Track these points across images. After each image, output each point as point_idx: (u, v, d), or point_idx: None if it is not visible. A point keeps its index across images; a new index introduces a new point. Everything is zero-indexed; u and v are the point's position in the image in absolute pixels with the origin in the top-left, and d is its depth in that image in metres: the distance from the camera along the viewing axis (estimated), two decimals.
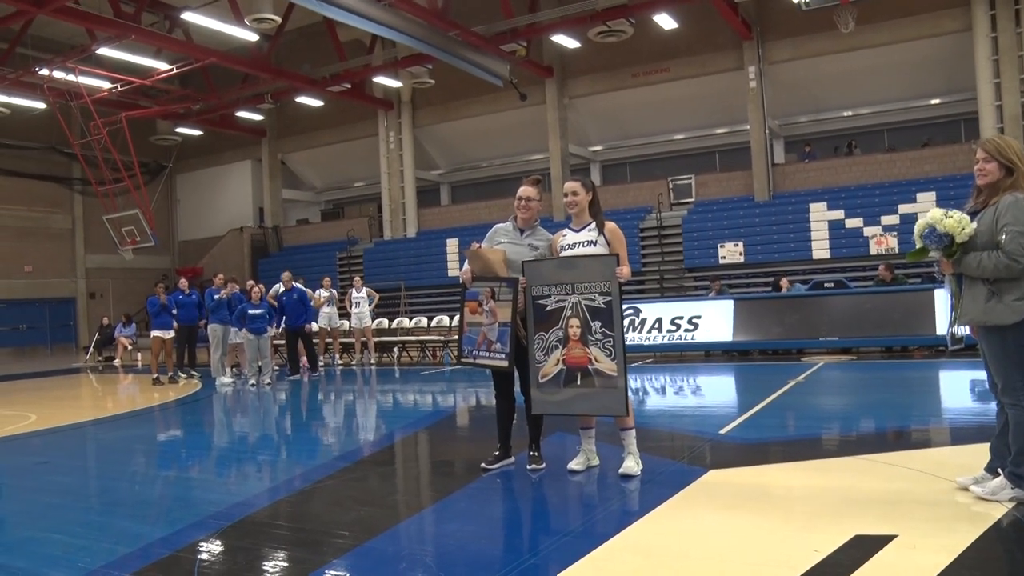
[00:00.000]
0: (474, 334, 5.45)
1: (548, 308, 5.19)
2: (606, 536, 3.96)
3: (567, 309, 5.13)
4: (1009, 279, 3.98)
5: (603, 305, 5.03)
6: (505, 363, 5.30)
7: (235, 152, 30.63)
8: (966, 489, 4.31)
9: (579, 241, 5.28)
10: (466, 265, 5.54)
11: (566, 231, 5.42)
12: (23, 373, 18.56)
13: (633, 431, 5.25)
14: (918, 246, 4.25)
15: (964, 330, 4.38)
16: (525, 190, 5.49)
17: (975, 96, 19.02)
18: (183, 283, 15.00)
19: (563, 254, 5.32)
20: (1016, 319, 3.97)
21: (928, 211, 4.23)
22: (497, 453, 5.57)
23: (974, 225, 4.07)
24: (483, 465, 5.51)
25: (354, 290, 16.46)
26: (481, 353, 5.40)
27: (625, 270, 5.04)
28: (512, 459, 5.60)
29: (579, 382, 5.10)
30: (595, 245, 5.21)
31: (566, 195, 5.35)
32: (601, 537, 3.95)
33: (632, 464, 5.17)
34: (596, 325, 5.05)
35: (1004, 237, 3.94)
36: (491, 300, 5.34)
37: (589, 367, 5.07)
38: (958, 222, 4.04)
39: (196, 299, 14.73)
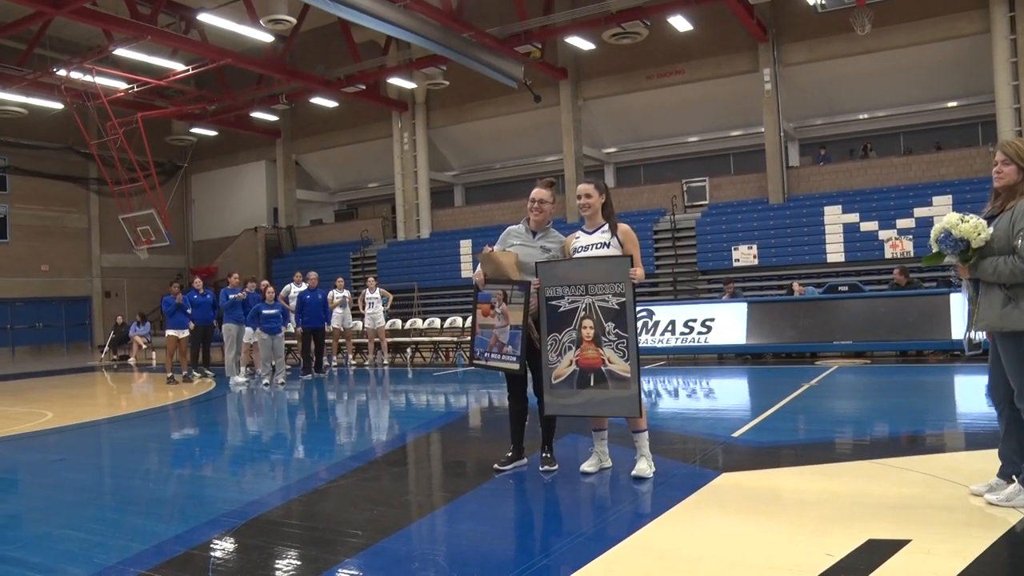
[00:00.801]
0: (486, 336, 5.46)
1: (562, 309, 5.19)
2: (618, 538, 3.97)
3: (580, 310, 5.13)
4: None
5: (617, 306, 5.03)
6: (516, 366, 5.30)
7: (250, 152, 30.78)
8: (980, 496, 4.29)
9: (592, 243, 5.28)
10: (479, 268, 5.56)
11: (579, 233, 5.42)
12: (39, 371, 18.73)
13: (646, 433, 5.25)
14: (934, 251, 4.19)
15: (981, 335, 4.34)
16: (538, 192, 5.49)
17: (993, 99, 18.88)
18: (197, 283, 15.08)
19: (576, 256, 5.33)
20: None
21: (944, 215, 4.18)
22: (510, 454, 5.58)
23: (990, 230, 4.03)
24: (496, 466, 5.52)
25: (368, 291, 16.51)
26: (493, 355, 5.42)
27: (639, 271, 5.03)
28: (525, 460, 5.61)
29: (592, 383, 5.10)
30: (608, 247, 5.21)
31: (579, 197, 5.35)
32: (613, 539, 3.95)
33: (645, 466, 5.16)
34: (610, 326, 5.04)
35: (1020, 242, 3.90)
36: (503, 303, 5.35)
37: (602, 368, 5.07)
38: (974, 227, 3.99)
39: (211, 299, 14.81)
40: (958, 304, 12.30)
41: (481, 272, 5.49)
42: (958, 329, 12.14)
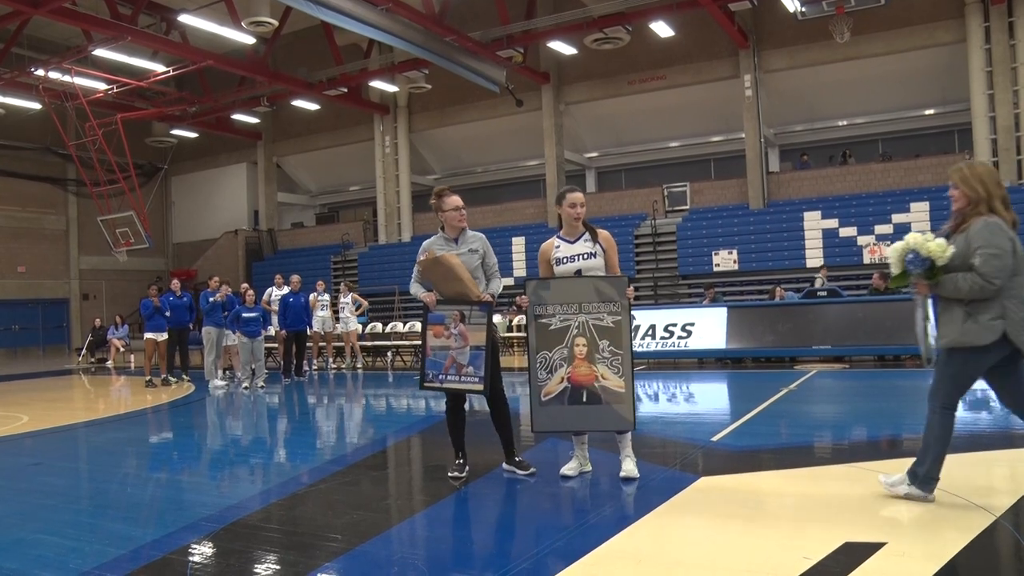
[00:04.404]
0: (440, 358, 5.38)
1: (552, 327, 5.19)
2: (597, 542, 3.97)
3: (573, 328, 5.14)
4: (983, 300, 4.10)
5: (612, 324, 5.06)
6: (480, 387, 5.26)
7: (230, 155, 30.64)
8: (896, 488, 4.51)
9: (578, 253, 5.28)
10: (419, 289, 5.51)
11: (558, 242, 5.38)
12: (15, 374, 18.52)
13: (630, 435, 5.29)
14: (897, 271, 4.33)
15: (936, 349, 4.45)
16: (457, 199, 5.46)
17: (969, 107, 19.13)
18: (175, 284, 14.98)
19: (560, 267, 5.30)
20: (993, 338, 4.09)
21: (905, 236, 4.30)
22: (460, 462, 5.54)
23: (952, 248, 4.17)
24: (451, 475, 5.47)
25: (341, 296, 16.54)
26: (450, 377, 5.35)
27: (630, 291, 5.10)
28: (467, 466, 5.57)
29: (585, 400, 5.12)
30: (595, 256, 5.23)
31: (573, 205, 5.29)
32: (592, 543, 3.96)
33: (631, 467, 5.21)
34: (604, 344, 5.07)
35: (978, 260, 4.05)
36: (460, 324, 5.29)
37: (595, 384, 5.08)
38: (940, 246, 4.14)
39: (187, 301, 14.72)
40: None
41: (431, 295, 5.44)
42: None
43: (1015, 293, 4.11)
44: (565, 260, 5.30)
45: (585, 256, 5.25)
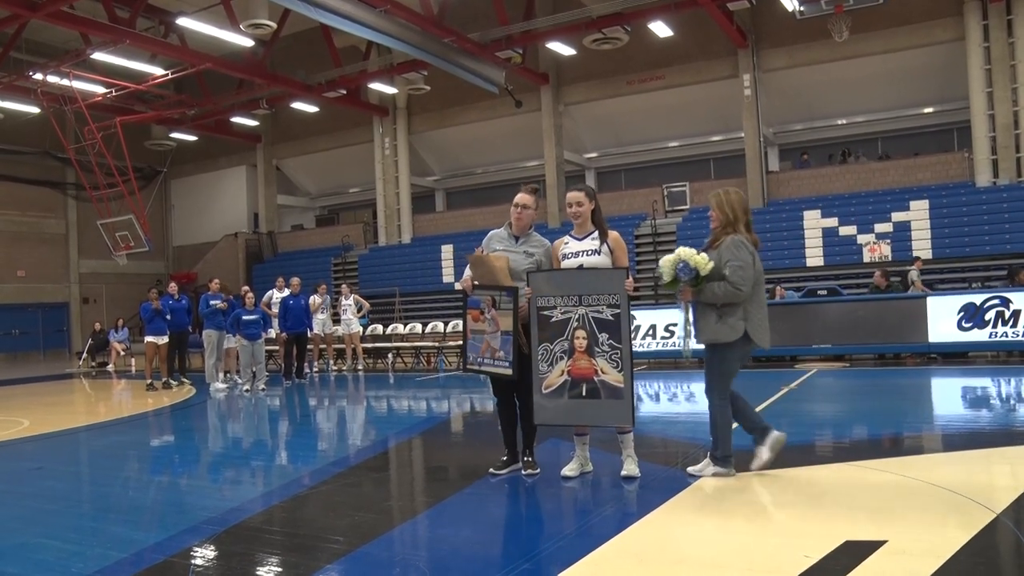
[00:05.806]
0: (478, 342, 5.44)
1: (553, 319, 5.19)
2: (599, 541, 3.97)
3: (573, 321, 5.14)
4: (732, 304, 4.98)
5: (611, 317, 5.06)
6: (509, 371, 5.28)
7: (230, 157, 30.65)
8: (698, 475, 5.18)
9: (582, 250, 5.30)
10: (467, 272, 5.55)
11: (568, 239, 5.43)
12: (16, 378, 18.51)
13: (631, 434, 5.29)
14: (668, 279, 5.08)
15: (694, 345, 5.30)
16: (522, 197, 5.50)
17: (968, 105, 19.13)
18: (172, 287, 14.98)
19: (565, 262, 5.33)
20: (735, 336, 5.03)
21: (676, 249, 5.11)
22: (505, 459, 5.56)
23: (712, 261, 4.98)
24: (492, 470, 5.50)
25: (343, 298, 16.54)
26: (486, 361, 5.40)
27: (629, 281, 5.09)
28: (519, 464, 5.59)
29: (584, 393, 5.11)
30: (599, 254, 5.23)
31: (570, 205, 5.36)
32: (594, 542, 3.96)
33: (633, 466, 5.22)
34: (603, 337, 5.07)
35: (728, 271, 4.94)
36: (492, 308, 5.34)
37: (595, 378, 5.09)
38: (704, 259, 4.97)
39: (185, 304, 14.69)
40: (935, 308, 12.47)
41: (469, 277, 5.49)
42: (935, 332, 12.31)
43: (756, 299, 5.07)
44: (570, 256, 5.33)
45: (589, 253, 5.26)
